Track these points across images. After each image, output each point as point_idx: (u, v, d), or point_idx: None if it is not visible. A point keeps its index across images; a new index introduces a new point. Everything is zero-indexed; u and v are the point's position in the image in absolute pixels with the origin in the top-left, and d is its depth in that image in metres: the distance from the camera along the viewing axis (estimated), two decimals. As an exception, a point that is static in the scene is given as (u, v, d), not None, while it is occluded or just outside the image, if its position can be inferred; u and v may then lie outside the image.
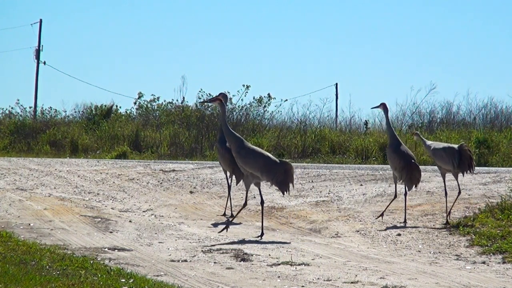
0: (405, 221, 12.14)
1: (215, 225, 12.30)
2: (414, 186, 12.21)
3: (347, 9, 76.36)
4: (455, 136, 25.33)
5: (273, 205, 13.93)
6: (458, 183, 12.57)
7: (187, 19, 75.80)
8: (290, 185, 10.89)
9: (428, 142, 12.74)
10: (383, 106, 12.53)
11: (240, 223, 12.58)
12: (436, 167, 19.76)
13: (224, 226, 11.21)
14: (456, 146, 12.49)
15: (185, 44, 72.36)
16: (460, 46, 66.88)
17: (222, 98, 11.24)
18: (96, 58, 70.30)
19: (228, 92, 30.45)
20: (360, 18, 74.68)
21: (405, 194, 12.40)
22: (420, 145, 24.45)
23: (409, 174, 12.07)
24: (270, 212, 13.37)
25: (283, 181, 10.76)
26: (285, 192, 10.90)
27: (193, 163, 20.72)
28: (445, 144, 12.73)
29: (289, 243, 10.63)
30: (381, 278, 8.42)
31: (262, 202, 11.07)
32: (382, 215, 12.33)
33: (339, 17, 76.60)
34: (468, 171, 12.37)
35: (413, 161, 12.16)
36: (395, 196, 12.50)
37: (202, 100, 30.24)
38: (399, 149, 12.22)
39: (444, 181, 12.56)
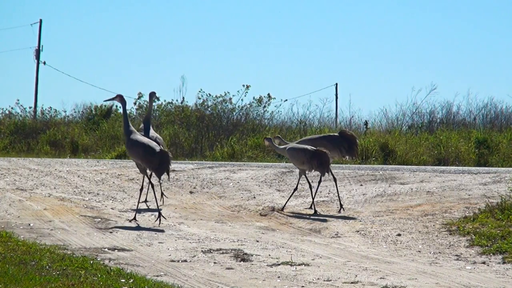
0: (314, 210, 13.14)
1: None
2: (326, 170, 13.11)
3: (347, 9, 76.37)
4: (455, 136, 25.32)
5: (273, 205, 13.93)
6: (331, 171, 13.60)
7: (187, 19, 75.81)
8: (166, 172, 11.92)
9: (299, 140, 14.12)
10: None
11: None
12: (436, 167, 19.81)
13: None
14: (336, 133, 13.88)
15: (185, 44, 72.37)
16: (460, 46, 66.89)
17: (121, 96, 12.65)
18: (96, 58, 70.32)
19: (228, 92, 30.50)
20: (360, 18, 74.70)
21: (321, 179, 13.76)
22: (420, 145, 24.48)
23: (319, 160, 13.00)
24: (270, 212, 13.37)
25: (159, 168, 11.86)
26: (160, 177, 12.11)
27: (193, 163, 20.72)
28: (325, 134, 14.15)
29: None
30: (381, 278, 8.42)
31: (141, 189, 12.66)
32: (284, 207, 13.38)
33: (339, 17, 76.63)
34: (355, 156, 13.76)
35: (317, 148, 13.14)
36: (296, 188, 13.55)
37: (104, 100, 31.29)
38: (300, 146, 13.44)
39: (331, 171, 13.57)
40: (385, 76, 64.84)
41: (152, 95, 14.25)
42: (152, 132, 13.95)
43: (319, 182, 13.88)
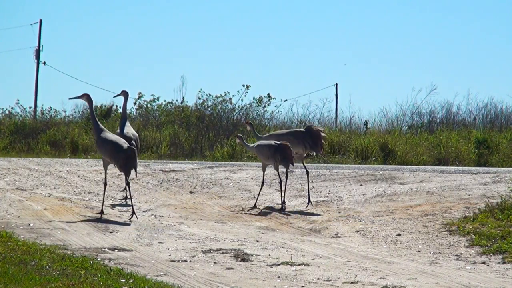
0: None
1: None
2: (290, 163, 13.51)
3: (347, 10, 76.38)
4: (455, 136, 25.33)
5: (273, 205, 13.94)
6: (304, 164, 14.48)
7: (187, 20, 75.82)
8: (133, 169, 12.20)
9: (267, 135, 14.75)
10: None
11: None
12: (436, 167, 19.81)
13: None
14: (303, 129, 14.36)
15: (185, 44, 72.42)
16: (460, 46, 66.93)
17: (87, 94, 12.94)
18: (96, 58, 70.30)
19: (228, 92, 30.50)
20: (360, 19, 74.71)
21: (286, 177, 14.12)
22: (420, 145, 24.48)
23: (281, 154, 13.43)
24: (270, 212, 13.38)
25: (124, 164, 12.15)
26: (127, 175, 12.34)
27: (193, 163, 20.72)
28: (292, 130, 14.60)
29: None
30: (381, 278, 8.43)
31: (127, 184, 12.71)
32: (255, 205, 13.74)
33: (339, 18, 76.63)
34: (321, 152, 14.21)
35: (281, 142, 13.57)
36: (263, 184, 14.03)
37: (70, 98, 31.21)
38: (266, 142, 13.91)
39: (304, 163, 14.42)
40: (385, 76, 64.85)
41: (126, 93, 14.71)
42: (126, 128, 14.45)
43: (307, 178, 14.27)
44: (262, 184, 14.04)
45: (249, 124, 15.09)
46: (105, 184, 12.82)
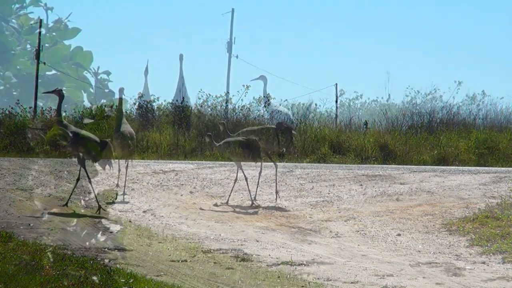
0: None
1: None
2: (258, 158, 13.95)
3: (348, 10, 76.49)
4: (455, 136, 25.34)
5: (273, 205, 13.94)
6: (261, 163, 14.60)
7: (187, 20, 75.91)
8: (108, 163, 12.71)
9: (239, 132, 14.98)
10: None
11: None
12: (436, 167, 19.80)
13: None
14: (274, 125, 14.74)
15: (185, 44, 72.52)
16: (460, 46, 67.04)
17: (60, 90, 13.29)
18: (96, 58, 70.40)
19: (228, 93, 30.53)
20: (360, 19, 74.82)
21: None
22: (420, 145, 24.50)
23: (249, 148, 13.83)
24: (270, 212, 13.38)
25: (100, 157, 12.56)
26: (105, 168, 12.84)
27: (193, 163, 20.71)
28: (263, 126, 15.16)
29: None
30: (381, 278, 8.43)
31: (87, 178, 12.98)
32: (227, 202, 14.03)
33: (340, 18, 76.73)
34: (291, 148, 14.51)
35: (248, 138, 13.97)
36: (246, 179, 14.26)
37: (43, 92, 31.25)
38: (233, 138, 14.24)
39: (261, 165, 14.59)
40: (385, 77, 64.93)
41: (121, 90, 15.27)
42: (123, 126, 14.81)
43: (259, 176, 14.73)
44: (246, 180, 14.24)
45: (221, 124, 15.14)
46: (89, 180, 13.05)
